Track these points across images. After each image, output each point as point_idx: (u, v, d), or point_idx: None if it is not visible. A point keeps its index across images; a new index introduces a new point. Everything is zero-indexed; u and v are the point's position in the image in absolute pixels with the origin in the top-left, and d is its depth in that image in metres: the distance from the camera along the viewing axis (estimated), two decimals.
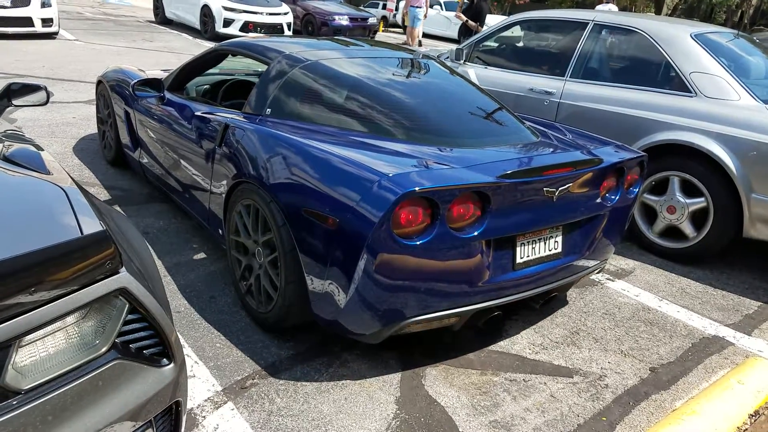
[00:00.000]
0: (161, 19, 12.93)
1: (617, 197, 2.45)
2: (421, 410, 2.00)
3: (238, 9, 11.17)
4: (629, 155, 2.48)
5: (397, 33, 16.94)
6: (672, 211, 3.37)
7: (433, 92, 2.76)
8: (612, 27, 3.81)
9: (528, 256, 2.19)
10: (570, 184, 2.17)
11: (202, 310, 2.48)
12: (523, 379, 2.22)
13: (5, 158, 1.54)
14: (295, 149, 2.16)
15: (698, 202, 3.27)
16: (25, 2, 8.89)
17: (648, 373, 2.33)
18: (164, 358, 1.25)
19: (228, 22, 11.08)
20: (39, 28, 9.07)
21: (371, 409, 1.98)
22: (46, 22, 9.17)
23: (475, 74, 4.39)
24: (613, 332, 2.62)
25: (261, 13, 11.39)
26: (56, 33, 9.50)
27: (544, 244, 2.25)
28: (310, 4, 13.28)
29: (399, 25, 17.31)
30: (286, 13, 11.87)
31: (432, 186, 1.82)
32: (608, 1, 9.92)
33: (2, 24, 8.72)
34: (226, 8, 11.09)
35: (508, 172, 2.00)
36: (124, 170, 4.10)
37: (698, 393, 2.22)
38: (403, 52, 3.13)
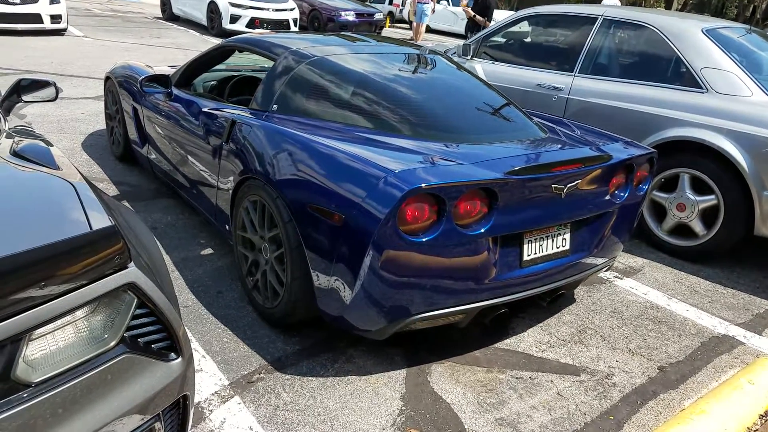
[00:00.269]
0: (168, 15, 12.98)
1: (626, 194, 2.43)
2: (427, 407, 2.00)
3: (245, 5, 11.18)
4: (639, 152, 2.46)
5: (403, 29, 16.88)
6: (682, 209, 3.34)
7: (440, 88, 2.75)
8: (622, 22, 3.78)
9: (535, 254, 2.18)
10: (578, 181, 2.16)
11: (209, 305, 2.50)
12: (530, 377, 2.21)
13: (15, 153, 1.55)
14: (302, 145, 2.16)
15: (708, 200, 3.24)
16: None
17: (656, 372, 2.31)
18: (172, 353, 1.26)
19: (235, 18, 11.10)
20: (48, 24, 9.12)
21: (377, 405, 1.99)
22: (55, 18, 9.21)
23: (483, 70, 4.37)
24: (620, 330, 2.60)
25: (267, 9, 11.39)
26: (65, 29, 9.55)
27: (552, 241, 2.23)
28: (316, 0, 13.26)
29: (406, 21, 17.25)
30: (292, 9, 11.87)
31: (438, 182, 1.81)
32: None
33: (12, 20, 8.78)
34: (233, 4, 11.10)
35: (516, 168, 1.99)
36: (132, 166, 4.12)
37: (707, 392, 2.20)
38: (409, 48, 3.11)
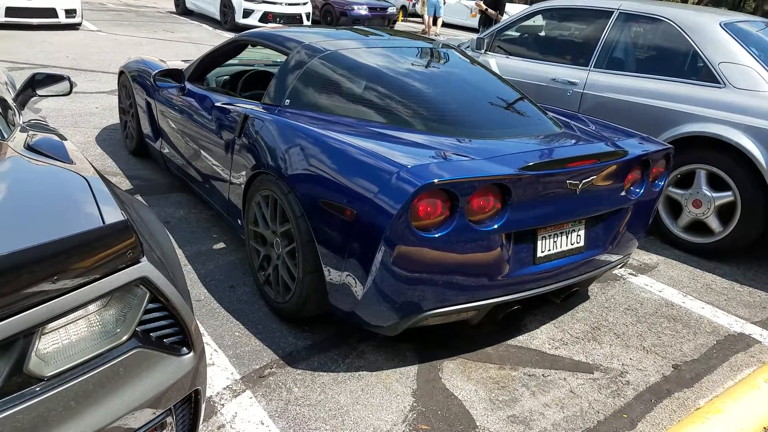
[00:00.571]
0: (182, 10, 13.04)
1: (642, 190, 2.39)
2: (438, 403, 1.99)
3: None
4: (655, 147, 2.42)
5: (416, 23, 16.79)
6: (698, 205, 3.29)
7: (453, 82, 2.72)
8: (638, 16, 3.71)
9: (549, 250, 2.16)
10: (594, 177, 2.13)
11: (221, 299, 2.51)
12: (542, 374, 2.19)
13: (29, 147, 1.56)
14: (314, 140, 2.15)
15: (725, 196, 3.18)
16: None
17: (671, 371, 2.28)
18: (184, 347, 1.26)
19: (248, 12, 11.11)
20: (62, 19, 9.21)
21: (388, 401, 1.98)
22: (70, 13, 9.30)
23: (496, 64, 4.33)
24: (635, 328, 2.57)
25: (280, 3, 11.39)
26: (79, 24, 9.63)
27: (566, 237, 2.21)
28: None
29: (419, 15, 17.15)
30: (305, 4, 11.86)
31: (451, 178, 1.80)
32: None
33: (27, 15, 8.87)
34: None
35: (530, 164, 1.96)
36: (145, 160, 4.15)
37: (723, 391, 2.17)
38: (423, 42, 3.09)
